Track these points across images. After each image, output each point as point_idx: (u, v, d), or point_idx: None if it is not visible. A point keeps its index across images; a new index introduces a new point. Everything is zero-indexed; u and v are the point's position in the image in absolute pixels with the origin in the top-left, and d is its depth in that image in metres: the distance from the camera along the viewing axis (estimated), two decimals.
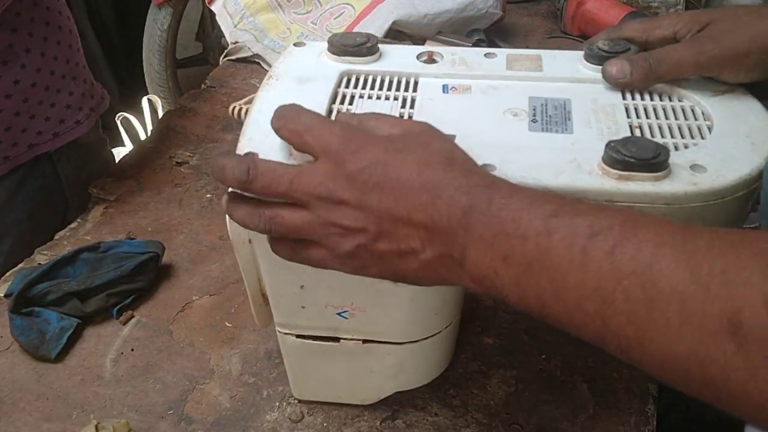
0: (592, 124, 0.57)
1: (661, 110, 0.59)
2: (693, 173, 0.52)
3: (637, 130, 0.56)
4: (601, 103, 0.60)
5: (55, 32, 0.96)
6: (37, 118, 0.95)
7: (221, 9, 1.37)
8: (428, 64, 0.65)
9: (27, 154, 0.96)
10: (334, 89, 0.62)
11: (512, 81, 0.62)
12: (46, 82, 0.95)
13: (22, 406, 0.71)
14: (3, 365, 0.75)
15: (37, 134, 0.96)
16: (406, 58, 0.66)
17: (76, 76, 1.01)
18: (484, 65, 0.64)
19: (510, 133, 0.57)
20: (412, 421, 0.68)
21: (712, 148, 0.55)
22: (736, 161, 0.53)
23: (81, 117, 1.02)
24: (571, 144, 0.55)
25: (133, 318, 0.80)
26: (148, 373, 0.74)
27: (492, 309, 0.79)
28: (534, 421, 0.68)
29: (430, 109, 0.60)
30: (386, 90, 0.63)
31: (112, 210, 0.97)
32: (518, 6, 1.45)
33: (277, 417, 0.69)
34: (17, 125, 0.93)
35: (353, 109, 0.61)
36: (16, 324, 0.76)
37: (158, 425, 0.69)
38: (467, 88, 0.62)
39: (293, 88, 0.63)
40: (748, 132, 0.56)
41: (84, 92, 1.02)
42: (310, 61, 0.67)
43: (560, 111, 0.59)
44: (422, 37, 1.19)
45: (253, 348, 0.76)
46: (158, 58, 2.07)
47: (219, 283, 0.84)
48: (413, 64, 0.65)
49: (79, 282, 0.79)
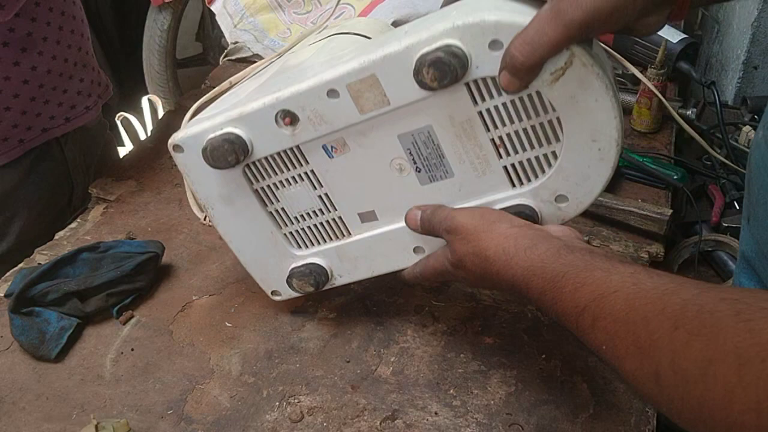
0: (463, 158, 0.63)
1: (513, 110, 0.59)
2: (558, 206, 0.61)
3: (501, 149, 0.61)
4: (458, 120, 0.61)
5: (70, 21, 1.00)
6: (51, 103, 1.00)
7: (221, 9, 1.37)
8: (290, 126, 0.64)
9: (40, 137, 1.00)
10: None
11: (373, 123, 0.63)
12: (61, 69, 0.99)
13: (22, 406, 0.71)
14: (3, 365, 0.75)
15: (50, 119, 1.01)
16: (274, 134, 0.65)
17: (86, 63, 1.06)
18: (338, 113, 0.62)
19: (410, 194, 0.66)
20: (412, 421, 0.68)
21: (567, 168, 0.59)
22: (589, 180, 0.59)
23: (90, 103, 1.07)
24: (458, 190, 0.65)
25: (133, 318, 0.80)
26: (148, 373, 0.74)
27: (492, 309, 0.80)
28: (534, 421, 0.68)
29: (335, 180, 0.67)
30: (290, 172, 0.68)
31: (112, 210, 0.97)
32: None
33: (277, 417, 0.69)
34: (32, 110, 0.98)
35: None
36: (16, 324, 0.76)
37: (158, 425, 0.69)
38: (344, 145, 0.65)
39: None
40: (592, 133, 0.57)
41: (93, 79, 1.08)
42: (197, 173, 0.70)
43: (431, 148, 0.63)
44: None
45: (253, 348, 0.76)
46: (158, 59, 2.07)
47: (219, 283, 0.84)
48: (282, 136, 0.65)
49: (79, 282, 0.79)
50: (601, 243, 0.90)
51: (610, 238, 0.91)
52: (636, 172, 1.02)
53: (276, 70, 0.72)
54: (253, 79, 0.74)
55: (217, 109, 0.68)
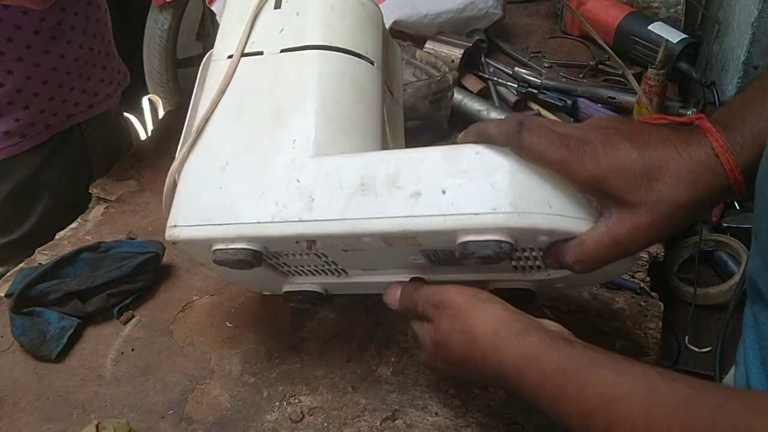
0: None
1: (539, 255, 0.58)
2: (555, 286, 0.63)
3: (516, 262, 0.61)
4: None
5: (95, 11, 1.05)
6: (76, 90, 1.04)
7: (222, 9, 1.37)
8: (312, 246, 0.59)
9: (65, 123, 1.05)
10: None
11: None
12: (86, 57, 1.04)
13: (22, 406, 0.71)
14: (4, 365, 0.75)
15: (75, 105, 1.05)
16: (292, 246, 0.60)
17: (108, 52, 1.11)
18: (365, 245, 0.59)
19: (417, 269, 0.65)
20: (412, 421, 0.68)
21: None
22: (594, 274, 0.56)
23: (111, 90, 1.12)
24: (461, 270, 0.63)
25: (134, 318, 0.81)
26: (148, 373, 0.74)
27: None
28: (534, 421, 0.68)
29: (345, 258, 0.63)
30: (301, 257, 0.62)
31: (112, 210, 0.97)
32: (518, 6, 1.45)
33: (278, 417, 0.69)
34: (59, 96, 1.02)
35: None
36: (17, 324, 0.76)
37: (159, 425, 0.69)
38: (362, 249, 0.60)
39: None
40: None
41: (114, 67, 1.13)
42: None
43: (449, 253, 0.59)
44: (422, 36, 1.19)
45: (253, 348, 0.76)
46: (159, 59, 2.07)
47: (219, 283, 0.85)
48: (300, 248, 0.60)
49: (79, 282, 0.79)
50: None
51: None
52: None
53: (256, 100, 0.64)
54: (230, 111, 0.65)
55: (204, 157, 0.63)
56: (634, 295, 0.83)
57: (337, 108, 0.62)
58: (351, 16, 0.68)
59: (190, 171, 0.63)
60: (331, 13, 0.67)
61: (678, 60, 1.16)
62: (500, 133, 0.54)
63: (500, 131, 0.54)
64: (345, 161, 0.58)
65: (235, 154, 0.61)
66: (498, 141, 0.54)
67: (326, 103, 0.62)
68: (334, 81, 0.63)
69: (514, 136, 0.53)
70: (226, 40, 0.69)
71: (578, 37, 1.34)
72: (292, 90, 0.63)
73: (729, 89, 1.45)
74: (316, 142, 0.60)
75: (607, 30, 1.24)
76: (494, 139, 0.55)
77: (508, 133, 0.53)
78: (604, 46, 1.19)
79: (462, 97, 1.09)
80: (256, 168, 0.60)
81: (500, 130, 0.54)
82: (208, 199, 0.60)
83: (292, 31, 0.66)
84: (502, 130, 0.54)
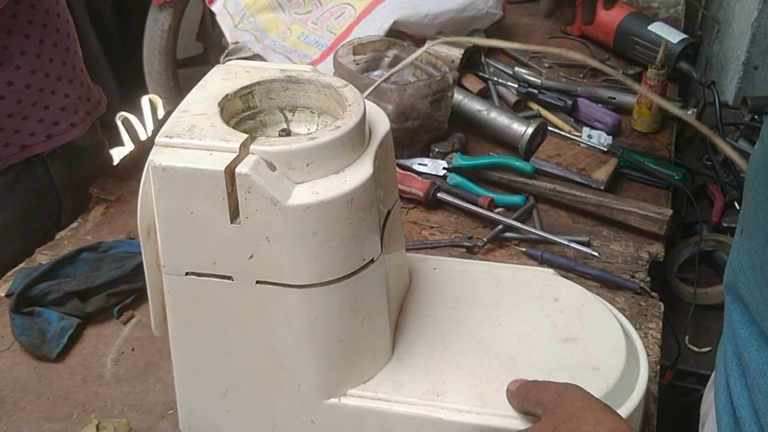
0: None
1: None
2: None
3: None
4: None
5: (53, 35, 0.96)
6: (30, 119, 0.95)
7: (222, 9, 1.37)
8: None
9: (19, 155, 0.95)
10: None
11: None
12: (41, 84, 0.94)
13: (23, 406, 0.71)
14: (4, 365, 0.75)
15: (30, 135, 0.95)
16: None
17: (72, 78, 1.00)
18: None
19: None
20: None
21: None
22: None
23: (76, 120, 1.01)
24: None
25: (134, 318, 0.80)
26: (148, 373, 0.74)
27: None
28: None
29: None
30: None
31: (112, 210, 0.97)
32: (518, 6, 1.45)
33: None
34: (10, 126, 0.93)
35: None
36: (17, 324, 0.76)
37: (159, 425, 0.69)
38: None
39: None
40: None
41: (80, 95, 1.01)
42: None
43: None
44: (423, 36, 1.19)
45: None
46: (159, 59, 2.08)
47: None
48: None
49: (79, 282, 0.79)
50: (602, 243, 0.91)
51: (611, 238, 0.91)
52: (636, 173, 1.02)
53: None
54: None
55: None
56: (634, 295, 0.83)
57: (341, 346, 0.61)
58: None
59: (189, 389, 0.65)
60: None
61: (678, 60, 1.16)
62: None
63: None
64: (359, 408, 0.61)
65: (234, 383, 0.63)
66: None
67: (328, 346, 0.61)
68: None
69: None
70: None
71: (578, 37, 1.34)
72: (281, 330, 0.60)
73: (729, 89, 1.45)
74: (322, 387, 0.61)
75: (607, 30, 1.24)
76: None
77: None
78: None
79: (462, 97, 1.09)
80: (262, 402, 0.63)
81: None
82: (218, 417, 0.65)
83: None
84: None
